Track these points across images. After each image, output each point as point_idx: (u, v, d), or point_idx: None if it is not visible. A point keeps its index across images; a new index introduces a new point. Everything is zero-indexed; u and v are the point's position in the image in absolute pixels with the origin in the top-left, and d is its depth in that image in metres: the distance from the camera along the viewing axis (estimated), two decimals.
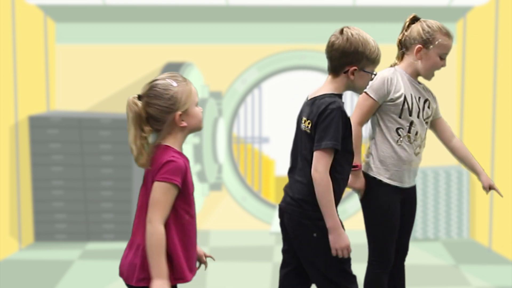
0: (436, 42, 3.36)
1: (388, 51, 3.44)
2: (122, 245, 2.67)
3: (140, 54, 6.83)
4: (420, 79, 3.47)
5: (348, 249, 2.96)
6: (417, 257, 5.62)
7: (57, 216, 6.28)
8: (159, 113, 2.58)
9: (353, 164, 3.29)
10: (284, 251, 3.20)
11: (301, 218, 3.00)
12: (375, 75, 3.05)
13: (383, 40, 3.48)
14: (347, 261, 3.05)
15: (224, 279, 5.16)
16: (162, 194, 2.53)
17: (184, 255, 2.60)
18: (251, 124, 7.29)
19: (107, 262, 5.62)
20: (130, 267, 2.61)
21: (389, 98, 3.34)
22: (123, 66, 6.77)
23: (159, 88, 2.59)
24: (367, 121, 3.43)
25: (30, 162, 6.24)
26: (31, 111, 6.27)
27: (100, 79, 6.82)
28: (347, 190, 7.10)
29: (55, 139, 6.21)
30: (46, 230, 6.29)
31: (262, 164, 7.35)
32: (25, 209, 6.17)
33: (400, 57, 3.45)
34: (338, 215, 3.06)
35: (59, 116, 6.24)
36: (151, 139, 2.64)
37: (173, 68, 6.58)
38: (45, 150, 6.22)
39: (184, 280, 2.61)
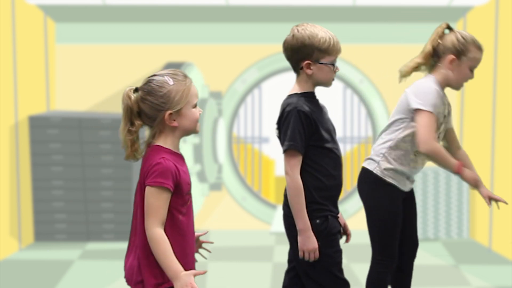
0: (469, 54, 3.33)
1: (388, 51, 3.44)
2: (122, 245, 2.66)
3: (140, 54, 6.83)
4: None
5: (315, 252, 2.96)
6: (417, 257, 5.60)
7: (57, 216, 6.27)
8: (150, 109, 2.51)
9: (455, 165, 3.28)
10: (289, 250, 3.21)
11: (289, 217, 3.02)
12: (334, 65, 3.01)
13: (383, 40, 3.48)
14: (335, 264, 3.02)
15: (224, 279, 5.16)
16: (155, 199, 2.47)
17: (178, 255, 2.56)
18: (251, 124, 7.29)
19: (107, 262, 5.62)
20: (130, 269, 2.59)
21: None
22: (123, 66, 6.76)
23: (154, 84, 2.52)
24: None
25: (30, 162, 6.24)
26: (31, 111, 6.27)
27: (100, 79, 6.82)
28: (353, 184, 7.07)
29: (55, 139, 6.21)
30: (46, 230, 6.29)
31: (262, 164, 7.35)
32: (25, 209, 6.17)
33: (430, 66, 3.41)
34: (335, 220, 3.05)
35: (59, 116, 6.24)
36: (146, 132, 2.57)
37: (173, 68, 6.58)
38: (45, 150, 6.21)
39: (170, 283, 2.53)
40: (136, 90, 2.55)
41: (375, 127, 6.98)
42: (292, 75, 3.13)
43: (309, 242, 2.94)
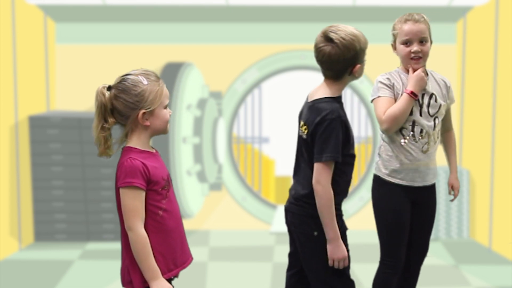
0: (396, 32, 3.36)
1: (388, 51, 3.44)
2: None
3: (140, 54, 6.83)
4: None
5: (345, 261, 2.98)
6: None
7: (57, 216, 6.28)
8: (124, 107, 2.56)
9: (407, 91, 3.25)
10: (289, 254, 3.20)
11: (303, 216, 3.01)
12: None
13: (383, 40, 3.48)
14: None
15: (224, 279, 5.16)
16: (129, 199, 2.52)
17: (163, 251, 2.57)
18: (251, 124, 7.29)
19: (107, 262, 5.62)
20: (122, 270, 2.63)
21: None
22: (123, 66, 6.72)
23: (128, 83, 2.57)
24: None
25: (30, 162, 6.24)
26: (31, 111, 6.27)
27: (100, 79, 6.77)
28: (353, 184, 7.10)
29: (55, 139, 6.21)
30: (46, 230, 6.29)
31: (262, 164, 7.35)
32: (25, 209, 6.17)
33: None
34: (343, 220, 3.06)
35: (59, 116, 6.24)
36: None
37: (173, 68, 6.59)
38: (45, 150, 6.22)
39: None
40: (109, 88, 2.59)
41: (375, 127, 6.98)
42: (291, 75, 3.11)
43: (339, 251, 2.96)
